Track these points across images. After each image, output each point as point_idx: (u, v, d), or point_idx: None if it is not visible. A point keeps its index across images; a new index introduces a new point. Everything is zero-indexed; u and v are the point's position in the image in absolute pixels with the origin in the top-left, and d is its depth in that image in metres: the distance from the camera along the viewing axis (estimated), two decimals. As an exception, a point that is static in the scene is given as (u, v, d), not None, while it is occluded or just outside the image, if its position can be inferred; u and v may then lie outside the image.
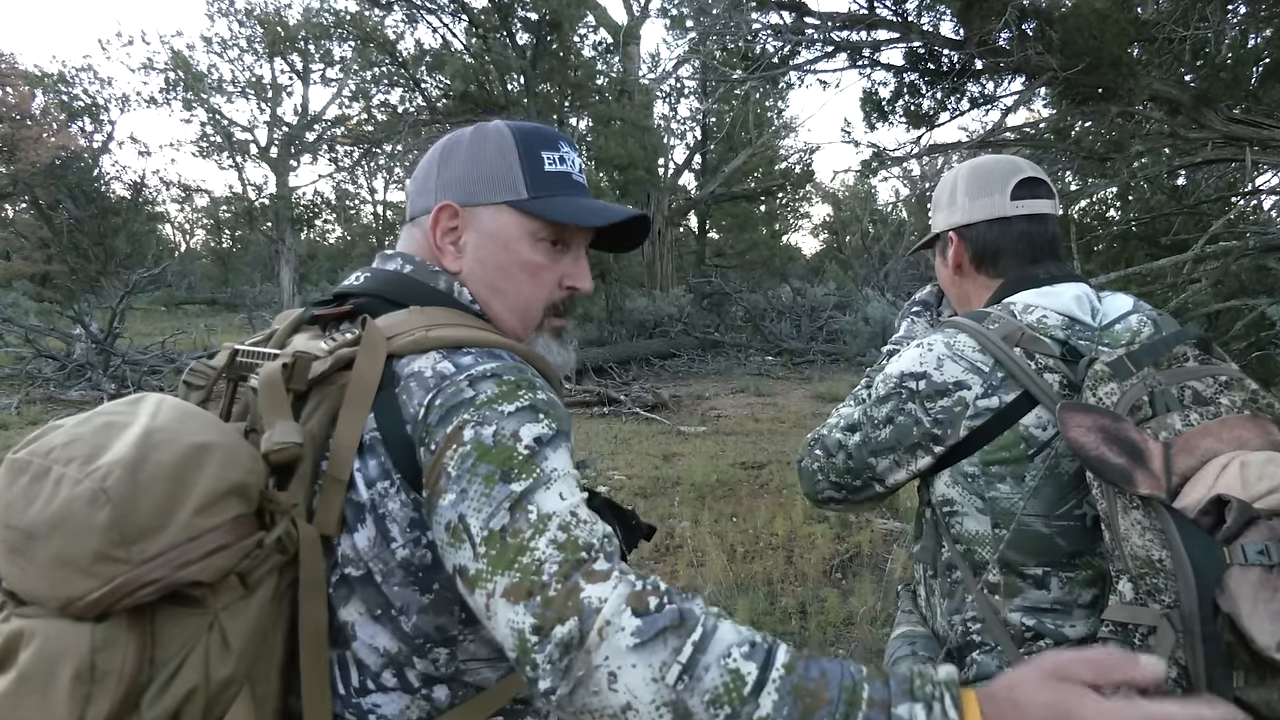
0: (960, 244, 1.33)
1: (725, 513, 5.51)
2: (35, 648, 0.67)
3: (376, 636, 0.84)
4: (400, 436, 0.81)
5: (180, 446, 0.73)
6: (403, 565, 0.83)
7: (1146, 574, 0.97)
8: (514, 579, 0.71)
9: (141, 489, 0.69)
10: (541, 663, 0.69)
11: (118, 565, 0.68)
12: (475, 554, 0.74)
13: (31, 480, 0.70)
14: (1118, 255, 6.25)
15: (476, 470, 0.76)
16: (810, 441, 1.37)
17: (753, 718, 0.65)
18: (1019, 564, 1.16)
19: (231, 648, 0.73)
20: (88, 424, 0.75)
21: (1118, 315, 1.22)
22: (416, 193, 1.02)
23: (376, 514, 0.82)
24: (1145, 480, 0.98)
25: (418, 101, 17.69)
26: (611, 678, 0.67)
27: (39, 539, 0.68)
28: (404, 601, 0.84)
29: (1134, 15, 4.46)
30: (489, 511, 0.74)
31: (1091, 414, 1.02)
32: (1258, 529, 0.90)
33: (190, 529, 0.71)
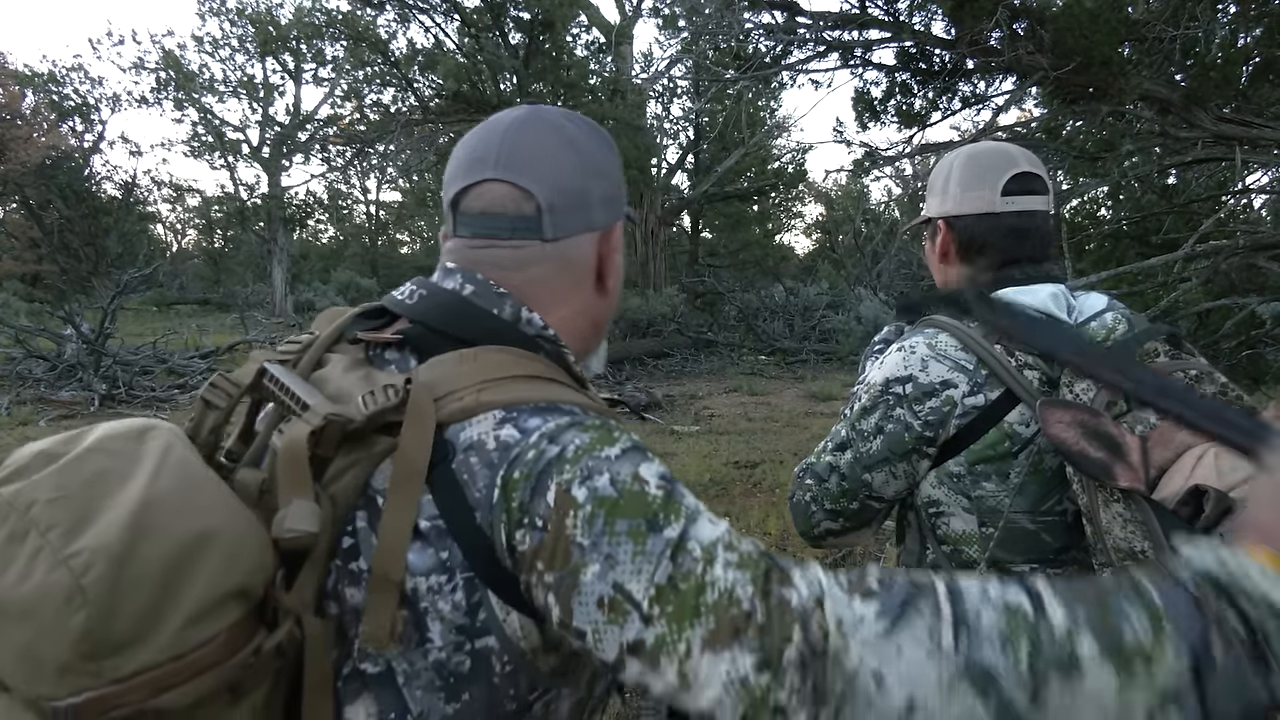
0: (948, 233, 1.34)
1: (719, 512, 5.47)
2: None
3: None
4: (468, 526, 0.69)
5: (177, 537, 0.61)
6: (434, 668, 0.71)
7: (1130, 566, 0.98)
8: (710, 624, 0.61)
9: (125, 591, 0.59)
10: (786, 701, 0.57)
11: (85, 679, 0.58)
12: (647, 619, 0.63)
13: (7, 541, 0.60)
14: (1109, 254, 6.27)
15: (615, 529, 0.65)
16: (799, 473, 1.35)
17: (1056, 636, 0.55)
18: (1006, 562, 1.17)
19: None
20: (79, 469, 0.64)
21: (1093, 313, 1.23)
22: (571, 202, 0.85)
23: (417, 610, 0.69)
24: (1125, 473, 0.99)
25: (410, 101, 17.65)
26: (878, 678, 0.55)
27: (10, 618, 0.59)
28: (425, 708, 0.71)
29: (1124, 15, 4.48)
30: (651, 568, 0.63)
31: (1070, 410, 1.03)
32: (1235, 517, 0.92)
33: (178, 644, 0.60)
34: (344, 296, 25.68)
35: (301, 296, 25.31)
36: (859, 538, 1.36)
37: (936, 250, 1.37)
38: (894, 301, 13.91)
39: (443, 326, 0.80)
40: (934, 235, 1.38)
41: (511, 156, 0.83)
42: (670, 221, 20.84)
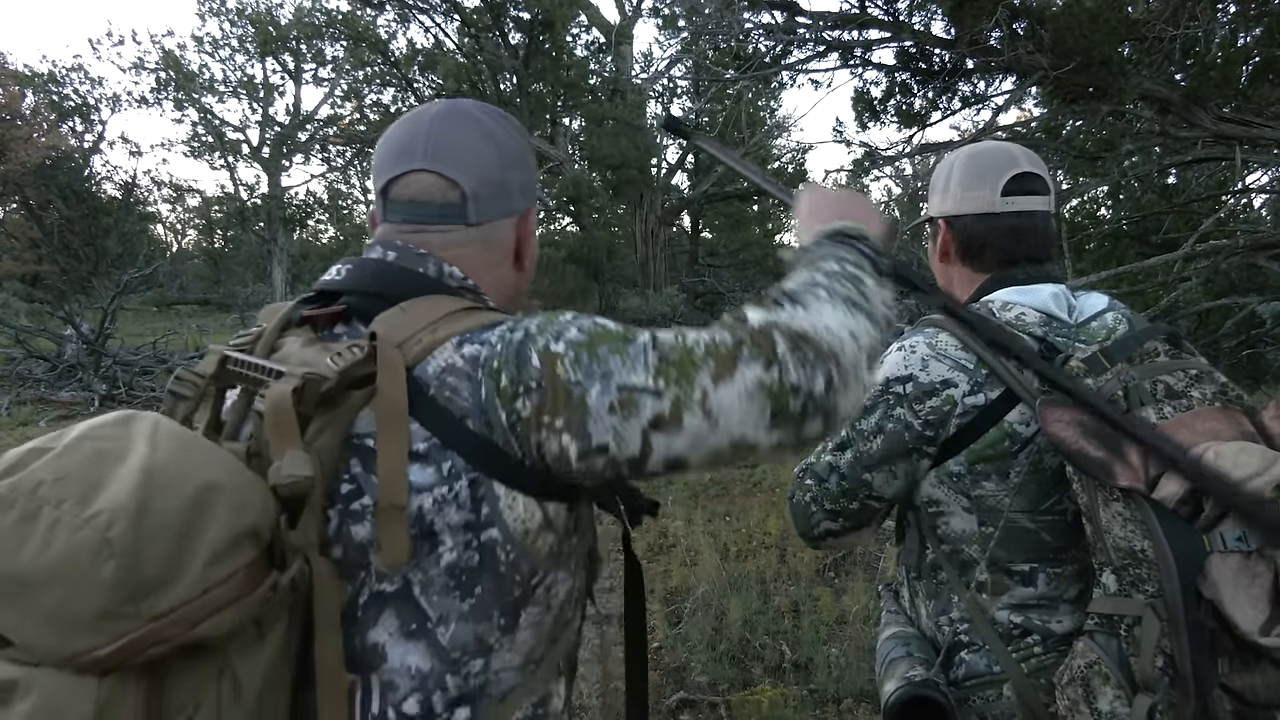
0: (948, 233, 1.34)
1: (719, 512, 5.51)
2: (34, 701, 0.63)
3: (409, 655, 0.79)
4: (463, 434, 0.78)
5: (187, 490, 0.67)
6: (446, 571, 0.79)
7: (1129, 565, 0.98)
8: (711, 365, 0.74)
9: (148, 539, 0.64)
10: (798, 379, 0.73)
11: (126, 622, 0.63)
12: (658, 393, 0.74)
13: (20, 521, 0.64)
14: (1109, 254, 6.28)
15: (599, 354, 0.77)
16: (799, 473, 1.34)
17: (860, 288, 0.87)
18: (1006, 561, 1.17)
19: (244, 693, 0.69)
20: (74, 453, 0.68)
21: (1094, 313, 1.23)
22: (493, 191, 0.94)
23: (425, 523, 0.78)
24: (1124, 472, 0.99)
25: (410, 101, 17.66)
26: (826, 328, 0.78)
27: (35, 588, 0.63)
28: (443, 611, 0.79)
29: (1124, 14, 4.48)
30: (642, 361, 0.76)
31: (1070, 409, 1.03)
32: (1234, 516, 0.92)
33: (204, 581, 0.65)
34: (344, 297, 25.65)
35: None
36: (859, 538, 1.35)
37: (937, 250, 1.37)
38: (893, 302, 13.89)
39: (377, 290, 0.87)
40: (935, 235, 1.38)
41: (437, 148, 0.91)
42: (670, 221, 20.83)
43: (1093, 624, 1.02)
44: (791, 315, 0.80)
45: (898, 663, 1.24)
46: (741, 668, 3.41)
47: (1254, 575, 0.89)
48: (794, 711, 3.04)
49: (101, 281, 19.78)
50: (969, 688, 1.19)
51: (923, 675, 1.19)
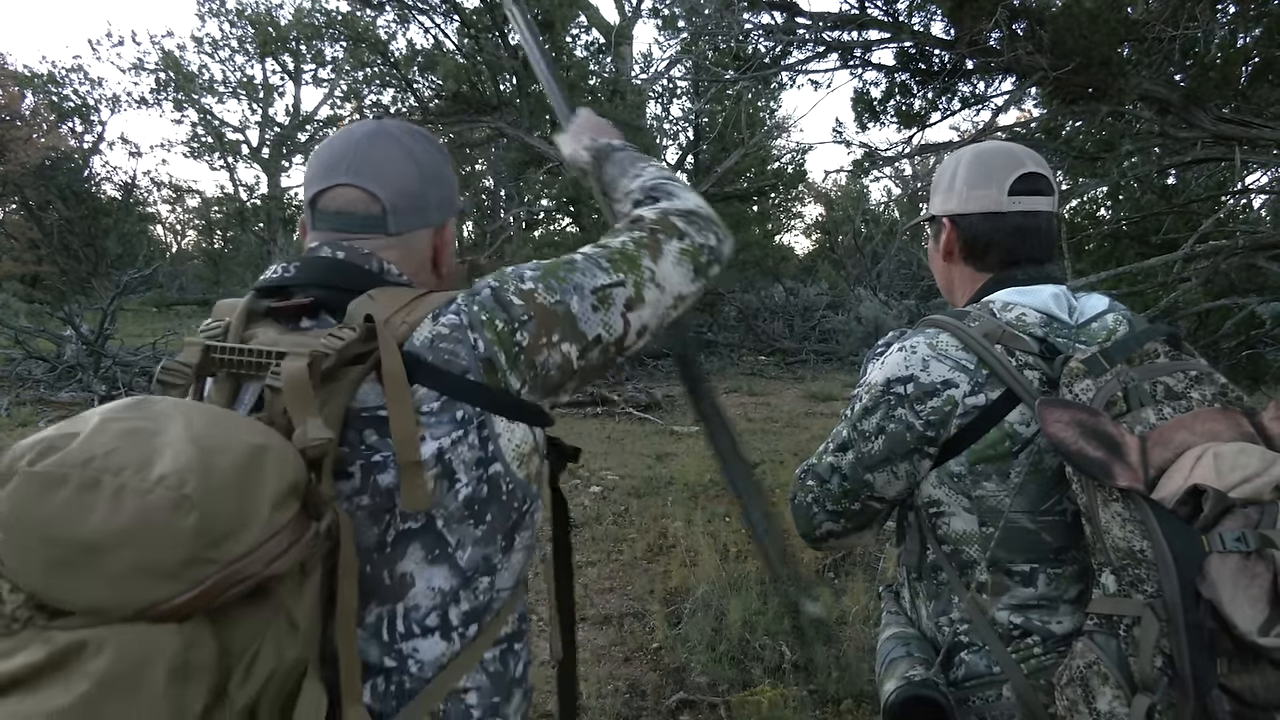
0: (953, 231, 1.33)
1: (718, 512, 5.51)
2: (113, 654, 0.68)
3: (434, 577, 0.93)
4: (468, 385, 0.93)
5: (239, 450, 0.75)
6: (464, 503, 0.93)
7: (1129, 565, 0.98)
8: (648, 254, 1.05)
9: (218, 493, 0.71)
10: (704, 240, 1.11)
11: (209, 567, 0.71)
12: (623, 283, 1.03)
13: (78, 492, 0.69)
14: (1108, 254, 6.27)
15: (561, 275, 1.01)
16: (800, 474, 1.35)
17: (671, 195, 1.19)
18: (1007, 561, 1.17)
19: (298, 628, 0.78)
20: (106, 432, 0.73)
21: (1094, 314, 1.23)
22: (411, 205, 1.05)
23: (443, 462, 0.91)
24: (1123, 473, 0.99)
25: (410, 102, 17.65)
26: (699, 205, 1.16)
27: (106, 550, 0.68)
28: (459, 537, 0.94)
29: (1124, 15, 4.48)
30: (598, 265, 1.03)
31: (1069, 409, 1.03)
32: (1234, 517, 0.93)
33: (270, 526, 0.74)
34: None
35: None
36: (860, 539, 1.35)
37: (940, 249, 1.37)
38: (894, 302, 13.92)
39: (339, 284, 0.98)
40: (938, 234, 1.38)
41: (361, 165, 1.03)
42: (670, 222, 20.80)
43: (1092, 624, 1.02)
44: (670, 203, 1.13)
45: (898, 663, 1.24)
46: (741, 668, 3.41)
47: (1253, 575, 0.89)
48: (794, 712, 3.04)
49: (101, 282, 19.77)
50: (969, 688, 1.20)
51: (923, 675, 1.20)
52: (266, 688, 0.75)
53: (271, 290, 0.99)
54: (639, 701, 3.21)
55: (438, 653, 0.94)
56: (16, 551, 0.70)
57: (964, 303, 1.34)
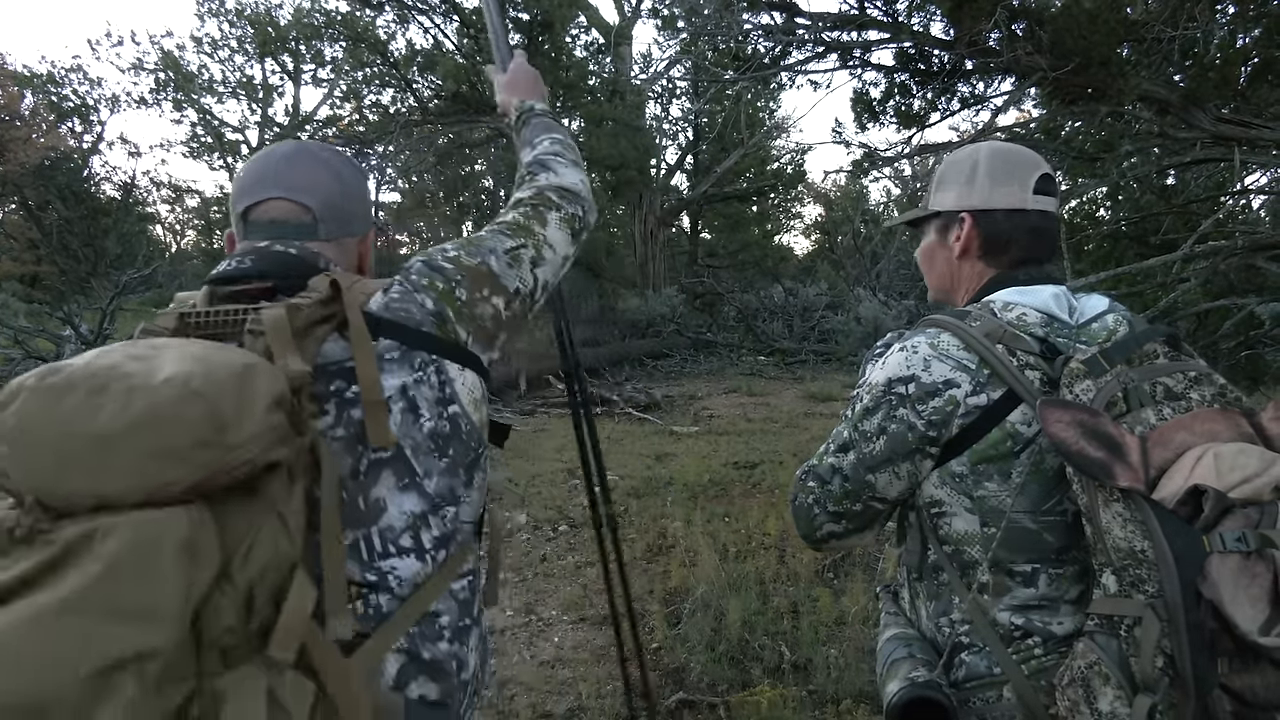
0: (974, 227, 1.31)
1: (718, 512, 5.51)
2: (124, 536, 0.73)
3: (405, 502, 1.02)
4: (423, 335, 1.06)
5: (235, 364, 0.82)
6: (429, 436, 1.04)
7: (1130, 565, 0.98)
8: (536, 222, 1.27)
9: (221, 390, 0.79)
10: (575, 211, 1.33)
11: (215, 450, 0.77)
12: (525, 245, 1.22)
13: (87, 395, 0.76)
14: (1108, 255, 6.28)
15: (475, 243, 1.19)
16: (801, 475, 1.34)
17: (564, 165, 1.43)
18: (1008, 562, 1.17)
19: (290, 528, 0.84)
20: (109, 354, 0.81)
21: (1094, 314, 1.23)
22: (338, 216, 1.17)
23: (407, 398, 1.03)
24: (1124, 473, 0.99)
25: (409, 102, 17.65)
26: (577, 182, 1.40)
27: (118, 440, 0.74)
28: (427, 468, 1.04)
29: (1123, 15, 4.48)
30: (502, 235, 1.22)
31: (1070, 409, 1.03)
32: (1234, 517, 0.93)
33: (267, 421, 0.81)
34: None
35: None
36: (861, 540, 1.35)
37: (956, 244, 1.33)
38: (893, 302, 13.92)
39: (295, 272, 1.07)
40: (945, 228, 1.35)
41: (289, 180, 1.14)
42: (669, 222, 20.84)
43: (1093, 625, 1.02)
44: (547, 180, 1.37)
45: (900, 663, 1.24)
46: (741, 668, 3.41)
47: (1253, 575, 0.89)
48: (793, 712, 3.04)
49: (100, 282, 19.75)
50: (969, 689, 1.20)
51: (926, 676, 1.19)
52: (264, 575, 0.80)
53: (227, 280, 1.07)
54: (639, 701, 3.21)
55: (413, 570, 1.02)
56: (25, 458, 0.75)
57: (965, 302, 1.34)
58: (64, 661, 0.69)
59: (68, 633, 0.70)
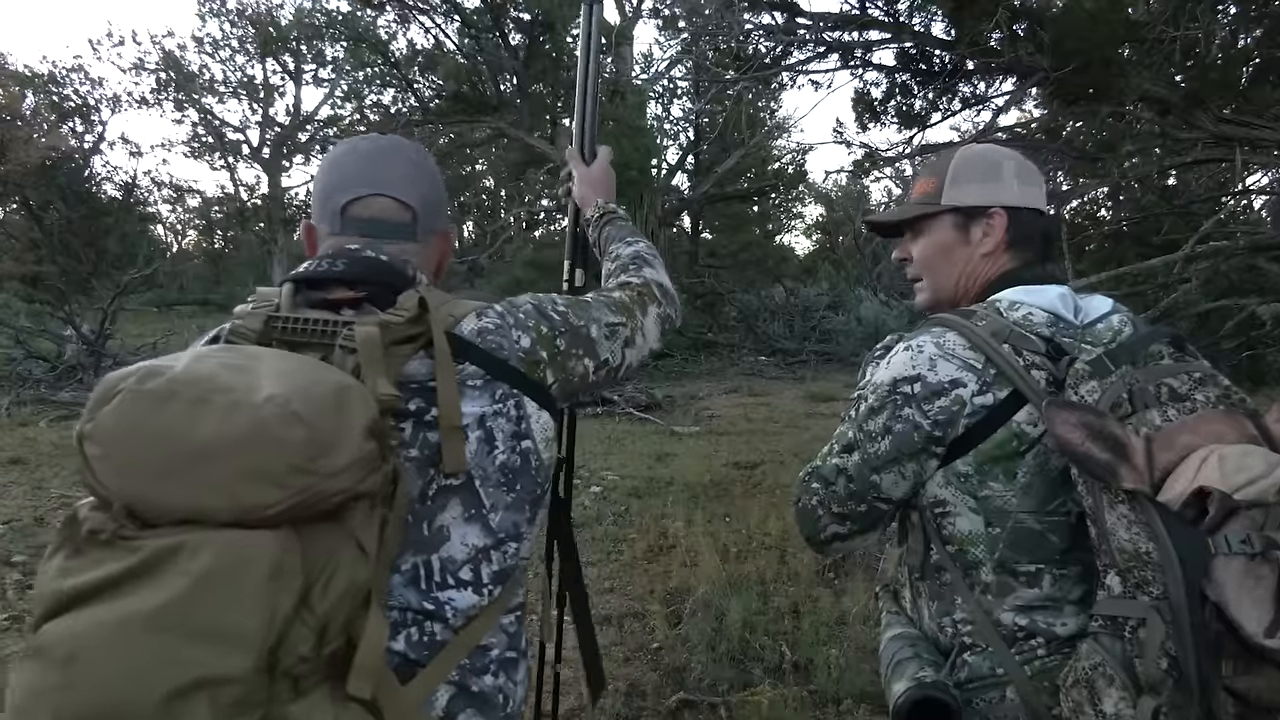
0: (1005, 222, 1.29)
1: (718, 512, 5.51)
2: (213, 554, 0.72)
3: (468, 535, 1.01)
4: (508, 370, 1.06)
5: (331, 384, 0.83)
6: (500, 468, 1.03)
7: (1134, 567, 0.98)
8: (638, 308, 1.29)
9: (320, 414, 0.78)
10: (668, 311, 1.37)
11: (310, 477, 0.76)
12: (625, 324, 1.25)
13: (189, 406, 0.75)
14: (1109, 255, 6.28)
15: (583, 306, 1.21)
16: (805, 477, 1.33)
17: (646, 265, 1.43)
18: (1013, 562, 1.16)
19: (367, 554, 0.83)
20: (206, 362, 0.81)
21: (1099, 315, 1.22)
22: (431, 212, 1.17)
23: (485, 428, 1.02)
24: (1130, 475, 0.99)
25: (410, 102, 17.65)
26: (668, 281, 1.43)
27: (217, 456, 0.74)
28: (494, 501, 1.03)
29: (1125, 16, 4.48)
30: (608, 309, 1.25)
31: (1076, 411, 1.03)
32: (1239, 519, 0.92)
33: (359, 450, 0.81)
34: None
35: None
36: (865, 541, 1.33)
37: (986, 240, 1.30)
38: (894, 303, 13.92)
39: (387, 281, 1.07)
40: (966, 225, 1.32)
41: (393, 177, 1.13)
42: (670, 222, 20.82)
43: (1097, 626, 1.02)
44: (650, 274, 1.39)
45: (906, 663, 1.23)
46: (741, 668, 3.41)
47: (1258, 578, 0.89)
48: (794, 712, 3.04)
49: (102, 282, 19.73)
50: (972, 690, 1.19)
51: (932, 676, 1.19)
52: (339, 604, 0.80)
53: (316, 282, 1.06)
54: (639, 701, 3.21)
55: (470, 603, 1.02)
56: (118, 463, 0.75)
57: (969, 301, 1.32)
58: (142, 677, 0.69)
59: (149, 648, 0.69)
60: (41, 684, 0.69)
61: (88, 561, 0.73)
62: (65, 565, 0.75)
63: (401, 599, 0.99)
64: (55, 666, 0.69)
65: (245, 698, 0.72)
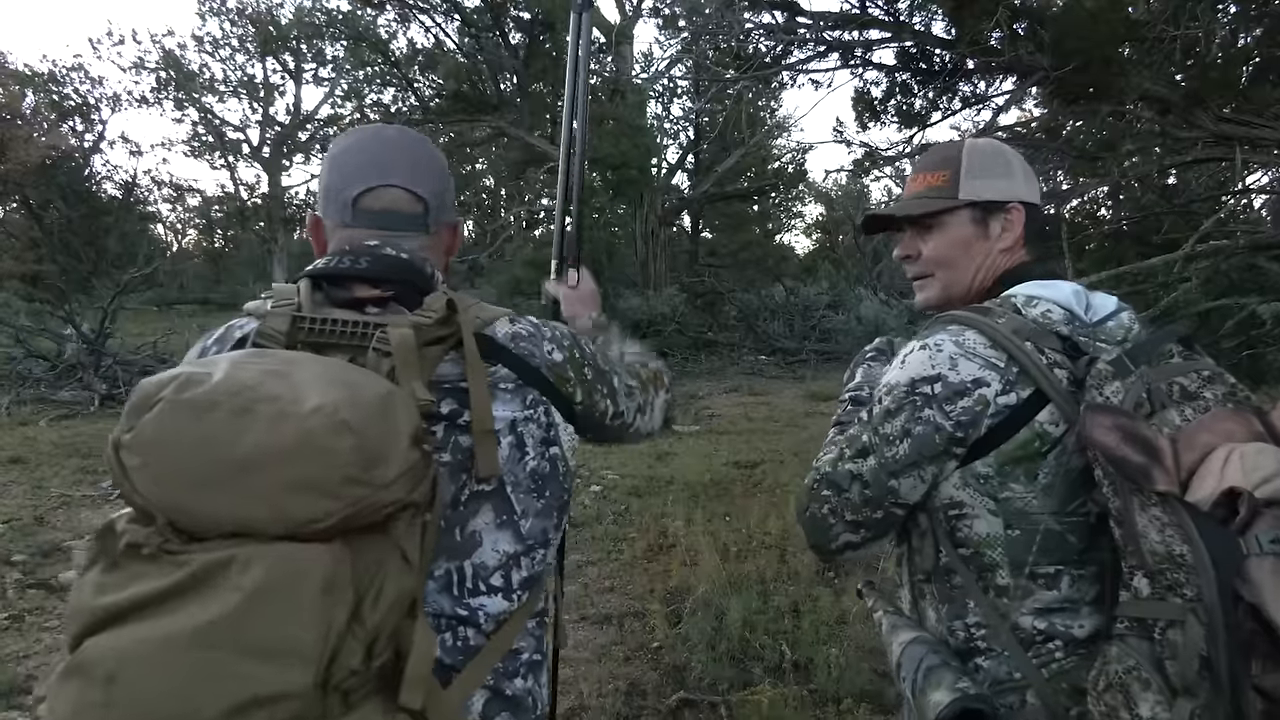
0: (1022, 217, 1.28)
1: (718, 512, 5.51)
2: (266, 568, 0.71)
3: (500, 541, 1.01)
4: (538, 377, 1.06)
5: (376, 392, 0.81)
6: (530, 475, 1.03)
7: (1166, 569, 0.96)
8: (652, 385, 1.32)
9: (368, 424, 0.77)
10: (670, 403, 1.40)
11: (363, 488, 0.75)
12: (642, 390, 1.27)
13: (231, 416, 0.74)
14: (1109, 254, 6.28)
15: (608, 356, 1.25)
16: (813, 484, 1.27)
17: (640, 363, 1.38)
18: (1032, 564, 1.14)
19: (411, 564, 0.82)
20: (247, 369, 0.79)
21: (1107, 313, 1.21)
22: (441, 204, 1.15)
23: (516, 433, 1.02)
24: (1162, 477, 0.98)
25: (410, 101, 17.65)
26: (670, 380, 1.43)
27: (262, 467, 0.72)
28: (525, 507, 1.03)
29: (1125, 15, 4.48)
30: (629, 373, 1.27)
31: (1111, 414, 1.02)
32: (1264, 519, 0.91)
33: (407, 459, 0.80)
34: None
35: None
36: (874, 549, 1.30)
37: (1006, 235, 1.29)
38: (894, 302, 13.91)
39: (410, 280, 1.06)
40: (983, 219, 1.29)
41: (406, 167, 1.11)
42: (670, 221, 20.82)
43: (1123, 628, 1.01)
44: (660, 366, 1.40)
45: (939, 671, 1.17)
46: (741, 668, 3.41)
47: None
48: (794, 711, 3.04)
49: (102, 281, 19.72)
50: None
51: (974, 688, 1.14)
52: (388, 616, 0.79)
53: (337, 278, 1.04)
54: (639, 701, 3.21)
55: (500, 609, 1.01)
56: (159, 475, 0.73)
57: (984, 297, 1.29)
58: (190, 695, 0.67)
59: (198, 666, 0.68)
60: (82, 702, 0.68)
61: (126, 576, 0.72)
62: (102, 581, 0.73)
63: (435, 605, 0.98)
64: (96, 685, 0.68)
65: (301, 714, 0.71)
